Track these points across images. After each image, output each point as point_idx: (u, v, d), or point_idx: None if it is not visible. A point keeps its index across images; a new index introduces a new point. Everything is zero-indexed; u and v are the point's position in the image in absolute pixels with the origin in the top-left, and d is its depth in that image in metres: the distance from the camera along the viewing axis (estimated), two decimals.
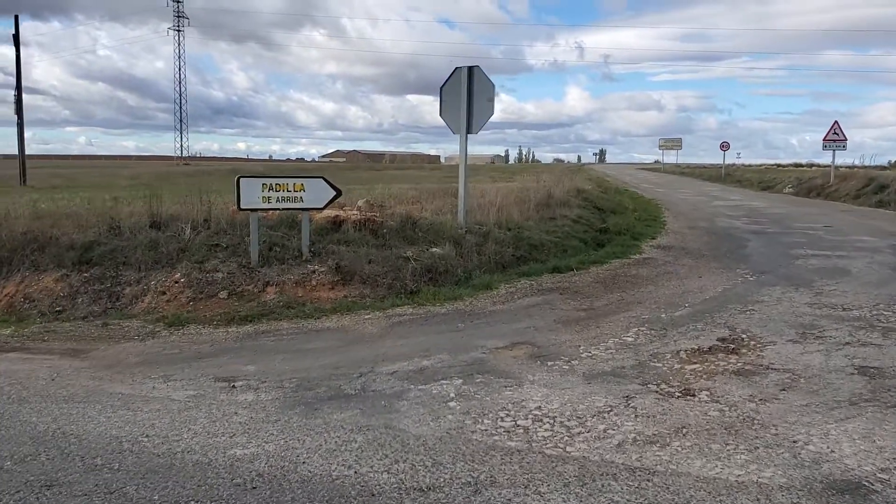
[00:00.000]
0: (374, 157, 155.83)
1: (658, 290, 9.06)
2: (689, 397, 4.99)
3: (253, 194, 8.49)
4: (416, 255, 9.32)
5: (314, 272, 8.51)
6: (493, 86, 10.58)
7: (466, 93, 10.63)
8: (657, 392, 5.10)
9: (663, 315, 7.59)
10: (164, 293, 8.18)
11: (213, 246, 8.93)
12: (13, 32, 38.37)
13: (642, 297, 8.66)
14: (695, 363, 5.82)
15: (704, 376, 5.47)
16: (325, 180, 8.87)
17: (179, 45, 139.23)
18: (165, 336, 7.07)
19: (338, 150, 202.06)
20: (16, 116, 39.89)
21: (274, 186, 8.57)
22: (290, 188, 8.65)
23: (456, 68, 10.75)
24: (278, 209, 8.83)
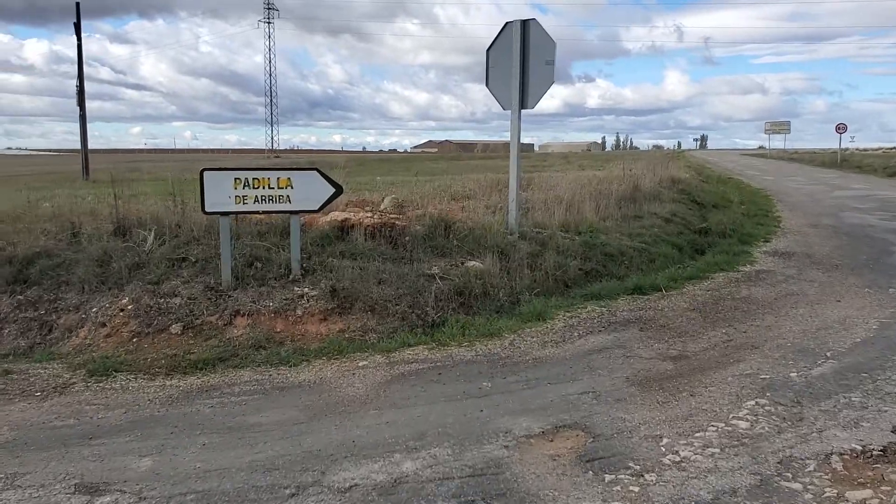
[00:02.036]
0: (466, 147, 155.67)
1: (781, 325, 6.69)
2: None
3: (222, 192, 6.65)
4: (444, 272, 7.28)
5: (302, 297, 6.59)
6: (554, 44, 8.39)
7: (520, 55, 8.48)
8: None
9: (794, 374, 5.26)
10: (104, 325, 6.45)
11: (178, 260, 7.15)
12: (74, 21, 38.57)
13: (759, 336, 6.32)
14: (863, 485, 3.53)
15: None
16: (321, 174, 6.93)
17: (270, 37, 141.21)
18: (77, 392, 5.33)
19: (430, 141, 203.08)
20: (78, 108, 40.18)
21: (251, 182, 6.70)
22: (274, 184, 6.76)
23: (506, 23, 8.62)
24: (258, 212, 6.95)
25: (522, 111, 8.70)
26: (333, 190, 6.95)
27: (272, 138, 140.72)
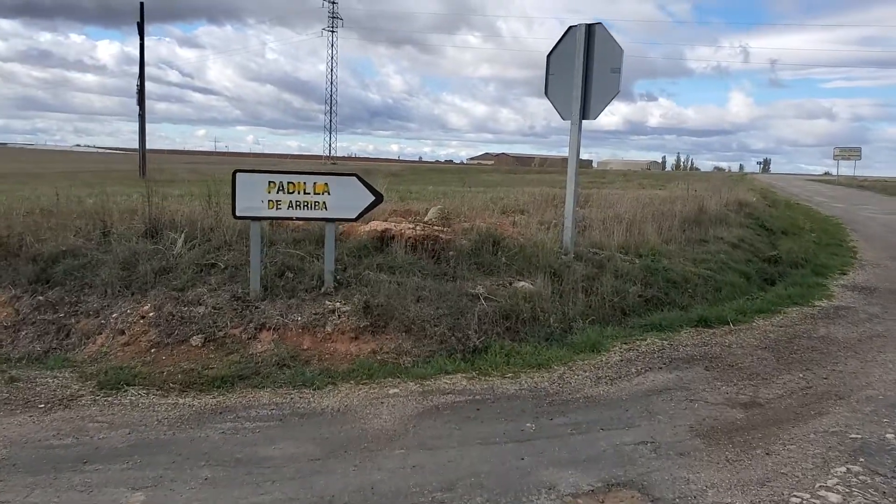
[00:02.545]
0: (524, 161, 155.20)
1: (868, 372, 5.95)
2: None
3: (254, 196, 6.24)
4: (490, 292, 6.73)
5: (333, 312, 6.12)
6: (621, 51, 7.80)
7: (583, 62, 7.90)
8: None
9: (890, 434, 4.55)
10: (123, 332, 6.09)
11: (207, 266, 6.77)
12: (138, 20, 39.32)
13: (843, 384, 5.60)
14: None
15: None
16: (361, 180, 6.47)
17: (333, 45, 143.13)
18: (83, 406, 4.95)
19: (486, 153, 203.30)
20: (138, 108, 40.90)
21: (285, 186, 6.27)
22: (310, 189, 6.32)
23: (570, 27, 8.07)
24: (291, 218, 6.52)
25: (583, 122, 8.11)
26: (373, 198, 6.48)
27: (330, 145, 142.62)
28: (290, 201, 6.32)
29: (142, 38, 39.23)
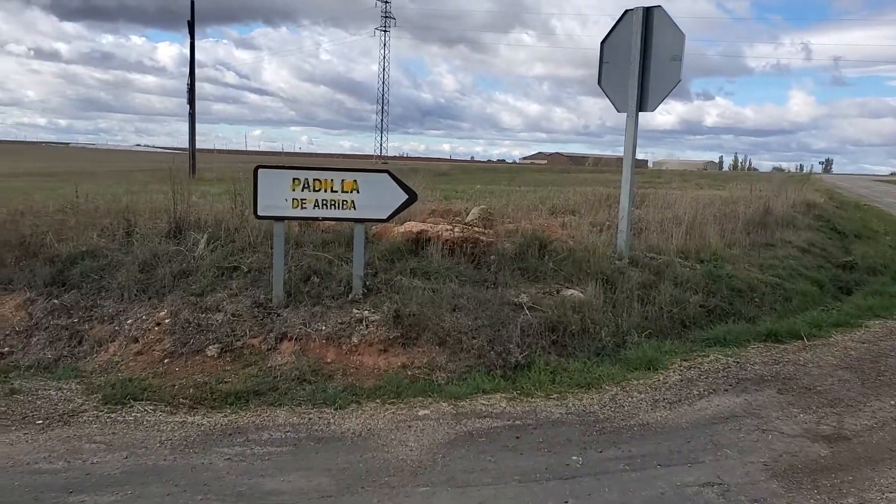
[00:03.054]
0: (577, 160, 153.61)
1: None
2: None
3: (277, 194, 5.79)
4: (534, 301, 6.17)
5: (360, 321, 5.63)
6: (683, 37, 7.14)
7: (641, 49, 7.26)
8: None
9: None
10: (136, 340, 5.71)
11: (229, 269, 6.35)
12: (188, 19, 39.63)
13: None
14: None
15: None
16: (393, 177, 5.97)
17: (385, 45, 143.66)
18: (84, 423, 4.57)
19: (540, 152, 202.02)
20: (188, 106, 41.21)
21: (311, 183, 5.81)
22: (337, 187, 5.84)
23: (626, 11, 7.44)
24: (317, 218, 6.05)
25: (640, 116, 7.46)
26: (406, 196, 5.97)
27: (381, 144, 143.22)
28: (316, 200, 5.86)
29: (192, 37, 39.48)
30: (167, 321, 5.79)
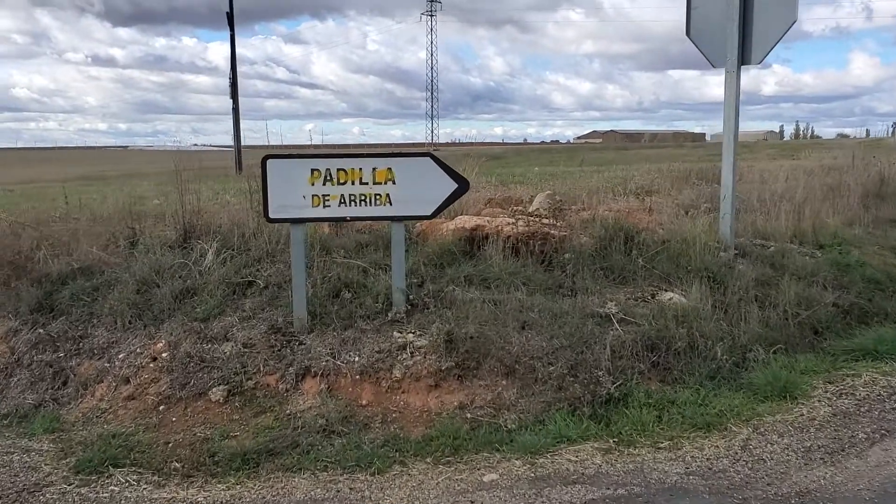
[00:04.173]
0: (633, 137, 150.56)
1: None
2: None
3: (293, 190, 4.67)
4: (624, 310, 4.91)
5: (403, 348, 4.47)
6: None
7: None
8: None
9: None
10: (128, 380, 4.67)
11: (242, 285, 5.27)
12: (227, 10, 39.04)
13: None
14: None
15: None
16: (437, 161, 4.79)
17: (433, 31, 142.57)
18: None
19: (594, 131, 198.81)
20: (231, 101, 40.74)
21: (335, 175, 4.67)
22: (367, 177, 4.69)
23: None
24: (344, 218, 4.88)
25: (739, 71, 6.08)
26: (455, 185, 4.77)
27: (432, 132, 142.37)
28: (342, 195, 4.70)
29: (232, 30, 38.86)
30: (164, 355, 4.74)
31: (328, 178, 4.68)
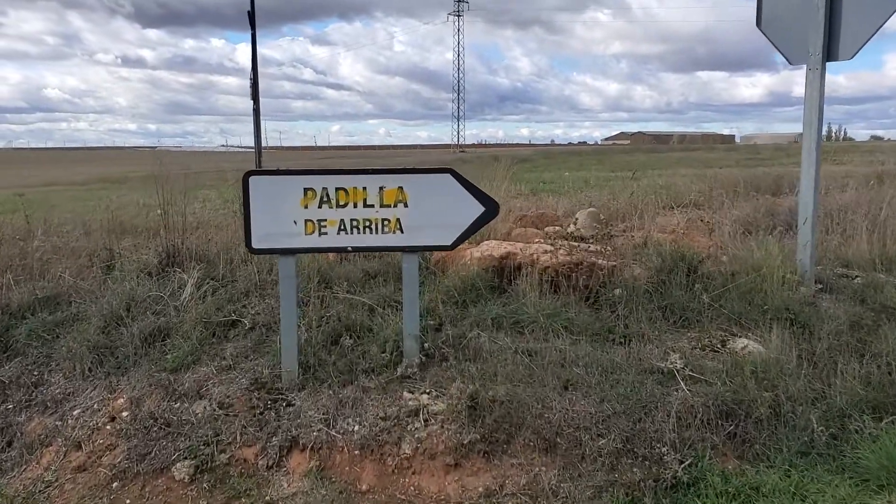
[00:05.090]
0: (661, 139, 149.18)
1: None
2: None
3: (282, 214, 3.83)
4: (690, 364, 4.00)
5: (415, 413, 3.61)
6: None
7: None
8: None
9: None
10: (79, 446, 3.84)
11: (224, 325, 4.43)
12: (248, 10, 38.48)
13: None
14: None
15: None
16: (458, 178, 3.90)
17: (459, 31, 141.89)
18: None
19: (622, 133, 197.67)
20: (252, 102, 40.15)
21: (333, 196, 3.81)
22: (374, 198, 3.83)
23: None
24: (345, 248, 4.01)
25: (818, 68, 5.13)
26: (481, 209, 3.89)
27: (458, 133, 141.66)
28: (342, 221, 3.85)
29: (253, 28, 38.23)
30: (125, 414, 3.92)
31: (325, 198, 3.83)
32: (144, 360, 4.24)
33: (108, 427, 3.91)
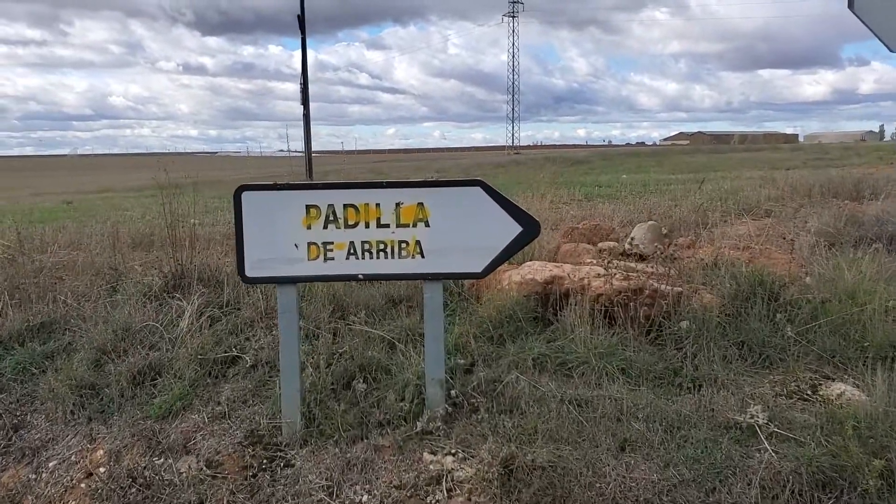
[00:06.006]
0: (721, 139, 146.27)
1: None
2: None
3: (281, 236, 3.26)
4: (775, 417, 3.28)
5: (438, 479, 2.98)
6: None
7: None
8: None
9: None
10: None
11: (223, 362, 3.87)
12: (298, 14, 38.39)
13: None
14: None
15: None
16: (489, 191, 3.26)
17: (514, 32, 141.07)
18: None
19: (681, 133, 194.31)
20: (301, 107, 40.04)
21: (340, 214, 3.22)
22: (389, 217, 3.22)
23: None
24: (355, 276, 3.40)
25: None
26: (519, 229, 3.24)
27: (513, 135, 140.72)
28: (352, 243, 3.25)
29: (303, 32, 38.11)
30: (102, 470, 3.38)
31: (331, 217, 3.24)
32: (130, 403, 3.72)
33: (82, 485, 3.38)
